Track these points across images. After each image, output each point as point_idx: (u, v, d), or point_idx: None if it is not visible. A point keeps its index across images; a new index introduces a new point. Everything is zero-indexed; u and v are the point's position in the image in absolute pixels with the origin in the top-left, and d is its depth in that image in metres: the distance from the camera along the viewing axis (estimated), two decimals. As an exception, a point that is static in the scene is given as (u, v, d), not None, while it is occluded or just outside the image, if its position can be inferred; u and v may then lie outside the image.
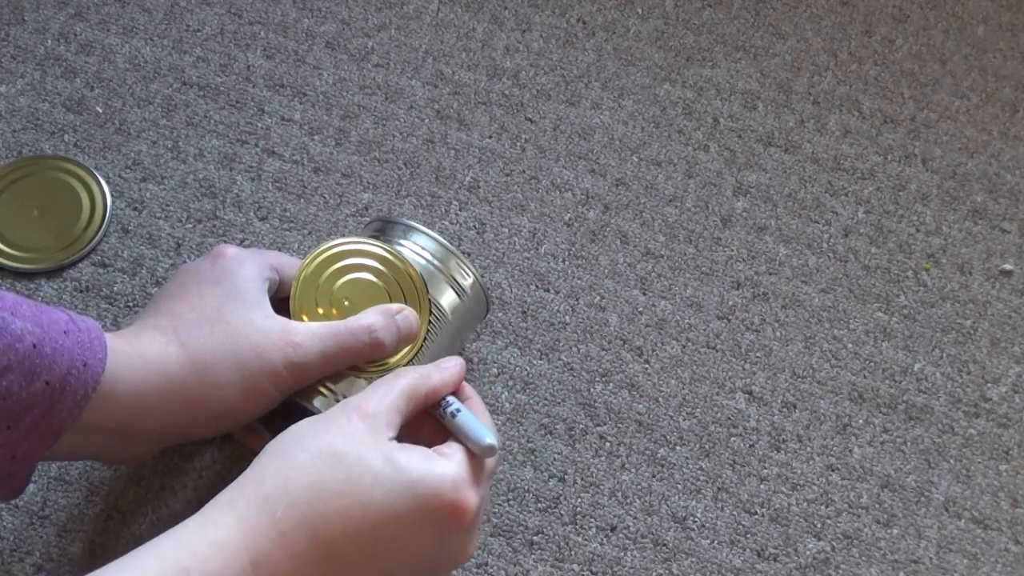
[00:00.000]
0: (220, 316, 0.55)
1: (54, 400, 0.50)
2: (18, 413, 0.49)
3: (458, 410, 0.54)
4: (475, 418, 0.53)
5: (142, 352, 0.54)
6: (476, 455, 0.52)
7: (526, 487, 0.64)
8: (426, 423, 0.55)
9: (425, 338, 0.59)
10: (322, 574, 0.47)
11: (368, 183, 0.73)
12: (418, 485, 0.48)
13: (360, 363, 0.57)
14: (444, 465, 0.50)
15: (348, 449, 0.48)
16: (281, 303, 0.60)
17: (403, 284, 0.60)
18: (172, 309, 0.57)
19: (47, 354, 0.49)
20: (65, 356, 0.50)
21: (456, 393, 0.56)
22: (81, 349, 0.51)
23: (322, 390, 0.56)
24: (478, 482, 0.51)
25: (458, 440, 0.53)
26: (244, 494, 0.47)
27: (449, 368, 0.55)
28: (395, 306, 0.58)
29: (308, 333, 0.56)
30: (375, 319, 0.56)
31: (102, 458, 0.57)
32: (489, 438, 0.52)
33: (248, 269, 0.58)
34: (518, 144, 0.76)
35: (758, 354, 0.69)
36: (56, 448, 0.52)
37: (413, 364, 0.58)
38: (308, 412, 0.54)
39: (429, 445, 0.53)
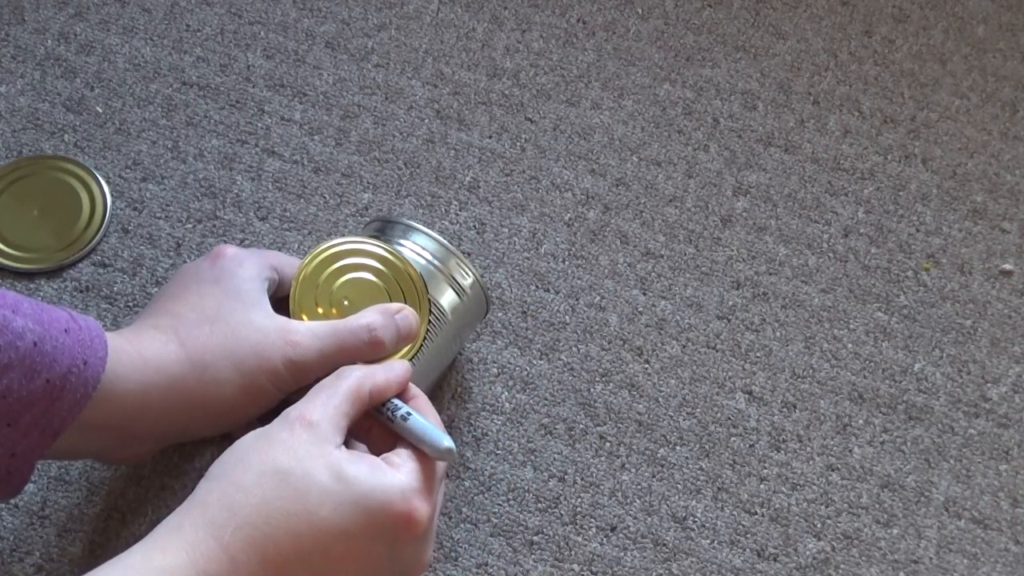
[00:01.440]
0: (219, 315, 0.56)
1: (54, 398, 0.50)
2: (18, 411, 0.49)
3: (408, 413, 0.52)
4: (427, 421, 0.52)
5: (142, 351, 0.54)
6: (426, 460, 0.50)
7: (526, 487, 0.64)
8: (374, 425, 0.54)
9: (425, 338, 0.59)
10: None
11: (368, 183, 0.73)
12: (367, 499, 0.47)
13: (360, 363, 0.57)
14: (393, 476, 0.48)
15: (293, 465, 0.47)
16: (281, 302, 0.60)
17: (403, 284, 0.60)
18: (172, 309, 0.57)
19: (48, 352, 0.50)
20: (66, 354, 0.50)
21: (402, 395, 0.54)
22: (82, 347, 0.51)
23: None
24: (429, 490, 0.49)
25: (408, 445, 0.51)
26: (190, 518, 0.46)
27: (395, 368, 0.54)
28: (395, 305, 0.58)
29: (307, 332, 0.55)
30: (374, 318, 0.56)
31: (101, 457, 0.57)
32: (446, 441, 0.50)
33: (247, 269, 0.58)
34: (518, 144, 0.76)
35: (758, 354, 0.69)
36: (56, 447, 0.52)
37: (413, 364, 0.58)
38: None
39: (378, 446, 0.52)
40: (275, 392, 0.55)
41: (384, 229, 0.63)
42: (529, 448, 0.65)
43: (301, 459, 0.47)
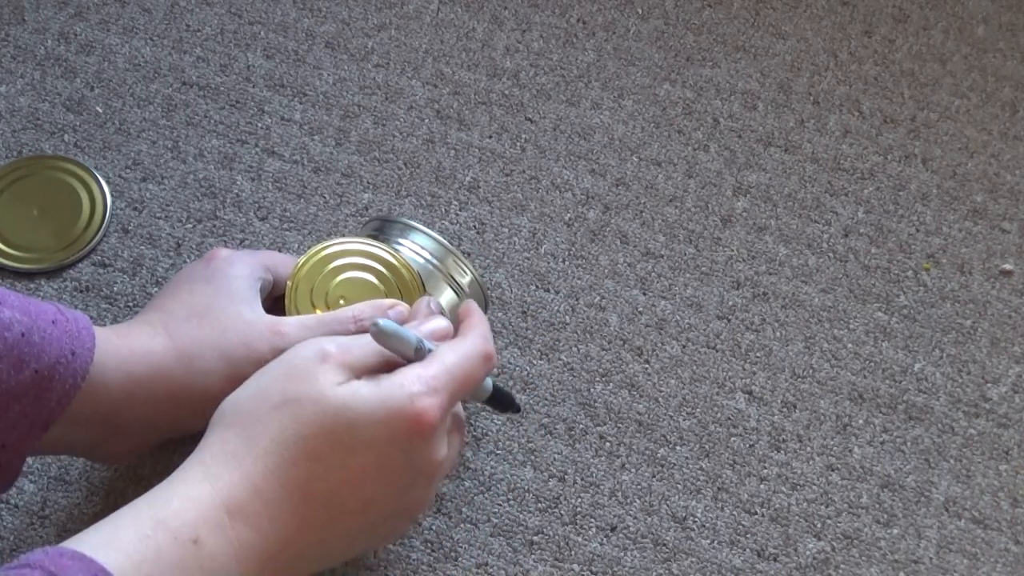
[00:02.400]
0: (209, 310, 0.56)
1: (43, 389, 0.50)
2: (7, 402, 0.49)
3: (375, 323, 0.51)
4: (405, 329, 0.52)
5: (129, 342, 0.54)
6: (432, 363, 0.51)
7: (526, 487, 0.64)
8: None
9: (425, 338, 0.59)
10: (303, 514, 0.47)
11: (368, 183, 0.73)
12: (378, 410, 0.48)
13: None
14: (398, 385, 0.49)
15: (307, 392, 0.48)
16: (277, 302, 0.60)
17: (401, 283, 0.60)
18: (162, 306, 0.57)
19: (35, 343, 0.50)
20: (54, 345, 0.50)
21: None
22: (69, 338, 0.51)
23: None
24: (437, 389, 0.50)
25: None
26: (211, 452, 0.47)
27: (382, 305, 0.56)
28: (388, 301, 0.58)
29: (295, 323, 0.56)
30: (363, 309, 0.57)
31: (91, 454, 0.57)
32: (414, 339, 0.50)
33: (240, 268, 0.59)
34: (518, 144, 0.76)
35: (758, 354, 0.69)
36: (45, 439, 0.52)
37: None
38: None
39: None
40: None
41: (383, 228, 0.63)
42: (529, 448, 0.65)
43: (313, 386, 0.48)
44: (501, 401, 0.60)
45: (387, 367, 0.51)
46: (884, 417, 0.68)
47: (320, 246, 0.60)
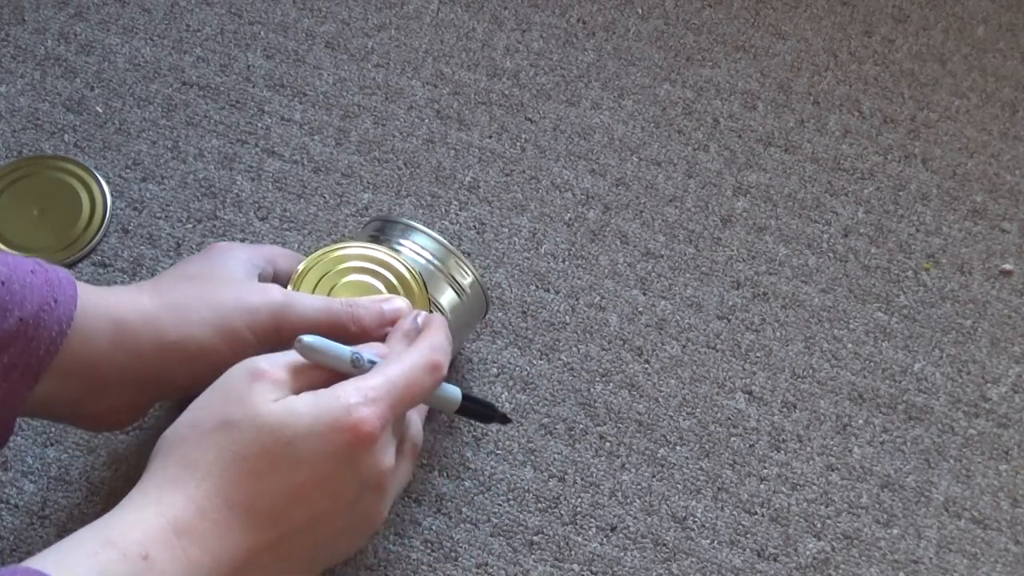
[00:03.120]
0: (200, 275, 0.57)
1: (29, 337, 0.50)
2: None
3: (304, 341, 0.51)
4: (327, 342, 0.51)
5: (116, 294, 0.54)
6: (373, 376, 0.50)
7: (526, 487, 0.64)
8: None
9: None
10: (251, 533, 0.47)
11: (368, 183, 0.73)
12: (316, 424, 0.48)
13: (340, 342, 0.56)
14: (334, 397, 0.49)
15: (242, 415, 0.48)
16: None
17: (402, 284, 0.60)
18: (154, 278, 0.58)
19: (16, 291, 0.50)
20: (35, 293, 0.51)
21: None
22: (50, 287, 0.51)
23: None
24: (375, 399, 0.49)
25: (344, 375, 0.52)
26: (153, 481, 0.47)
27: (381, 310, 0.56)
28: (382, 296, 0.58)
29: (295, 292, 0.57)
30: (362, 303, 0.57)
31: (75, 414, 0.56)
32: (348, 353, 0.50)
33: (238, 253, 0.59)
34: (518, 144, 0.76)
35: (758, 354, 0.69)
36: (34, 395, 0.52)
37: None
38: None
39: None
40: (252, 338, 0.55)
41: (383, 229, 0.63)
42: (529, 448, 0.65)
43: (246, 407, 0.48)
44: (477, 412, 0.59)
45: (327, 381, 0.50)
46: (884, 417, 0.68)
47: (322, 250, 0.60)
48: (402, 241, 0.62)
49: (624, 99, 0.78)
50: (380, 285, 0.59)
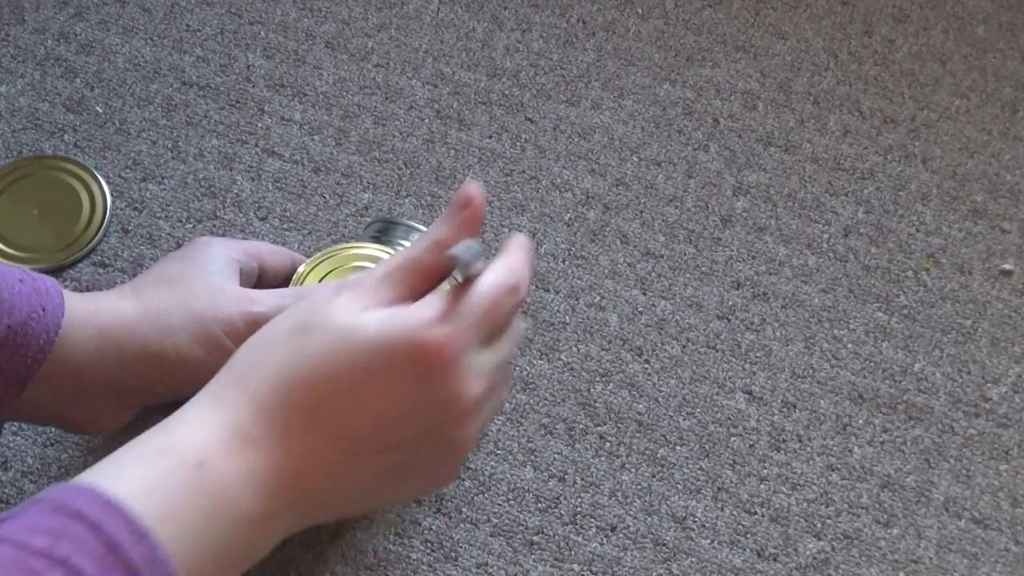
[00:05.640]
0: (180, 278, 0.57)
1: (17, 345, 0.50)
2: None
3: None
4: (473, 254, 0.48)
5: (98, 302, 0.54)
6: (452, 295, 0.47)
7: (526, 487, 0.64)
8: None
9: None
10: (315, 441, 0.45)
11: (368, 183, 0.74)
12: (388, 334, 0.45)
13: None
14: (411, 312, 0.46)
15: (313, 319, 0.46)
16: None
17: None
18: (136, 280, 0.58)
19: (5, 299, 0.50)
20: (24, 301, 0.51)
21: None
22: (38, 295, 0.52)
23: None
24: (453, 317, 0.46)
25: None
26: (216, 381, 0.46)
27: (459, 217, 0.50)
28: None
29: (267, 292, 0.56)
30: (342, 281, 0.56)
31: (61, 418, 0.56)
32: (451, 251, 0.46)
33: (217, 249, 0.59)
34: (518, 144, 0.76)
35: (758, 354, 0.69)
36: (22, 400, 0.52)
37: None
38: None
39: None
40: (231, 347, 0.54)
41: (386, 230, 0.63)
42: (529, 448, 0.65)
43: (322, 312, 0.47)
44: None
45: (415, 282, 0.48)
46: (884, 417, 0.68)
47: (325, 250, 0.60)
48: (404, 242, 0.62)
49: (624, 99, 0.78)
50: None
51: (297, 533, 0.48)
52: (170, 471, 0.42)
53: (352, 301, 0.47)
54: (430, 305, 0.47)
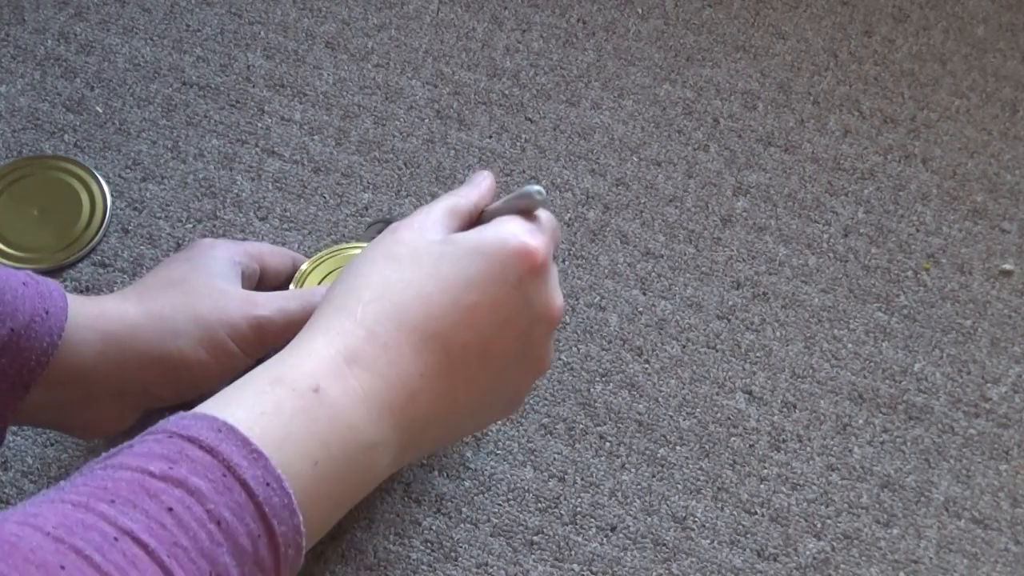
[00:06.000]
0: (184, 280, 0.57)
1: (21, 348, 0.50)
2: None
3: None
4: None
5: (102, 305, 0.54)
6: (528, 219, 0.51)
7: (526, 487, 0.64)
8: None
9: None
10: (424, 357, 0.46)
11: (368, 183, 0.73)
12: (482, 245, 0.48)
13: None
14: (500, 226, 0.49)
15: (403, 249, 0.49)
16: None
17: None
18: (139, 282, 0.58)
19: (8, 301, 0.50)
20: (27, 304, 0.51)
21: None
22: (42, 298, 0.52)
23: None
24: (536, 231, 0.50)
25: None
26: (320, 312, 0.47)
27: (482, 183, 0.55)
28: None
29: (271, 295, 0.57)
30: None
31: (64, 422, 0.57)
32: (528, 186, 0.51)
33: (220, 251, 0.59)
34: (518, 144, 0.76)
35: (758, 354, 0.69)
36: (22, 403, 0.52)
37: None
38: None
39: None
40: (236, 350, 0.55)
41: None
42: (529, 448, 0.65)
43: (411, 242, 0.49)
44: None
45: (459, 226, 0.52)
46: (884, 417, 0.68)
47: (327, 250, 0.60)
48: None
49: (624, 99, 0.78)
50: None
51: None
52: (285, 398, 0.43)
53: (423, 230, 0.49)
54: (514, 221, 0.50)
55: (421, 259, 0.48)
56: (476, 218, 0.53)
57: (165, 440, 0.40)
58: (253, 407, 0.42)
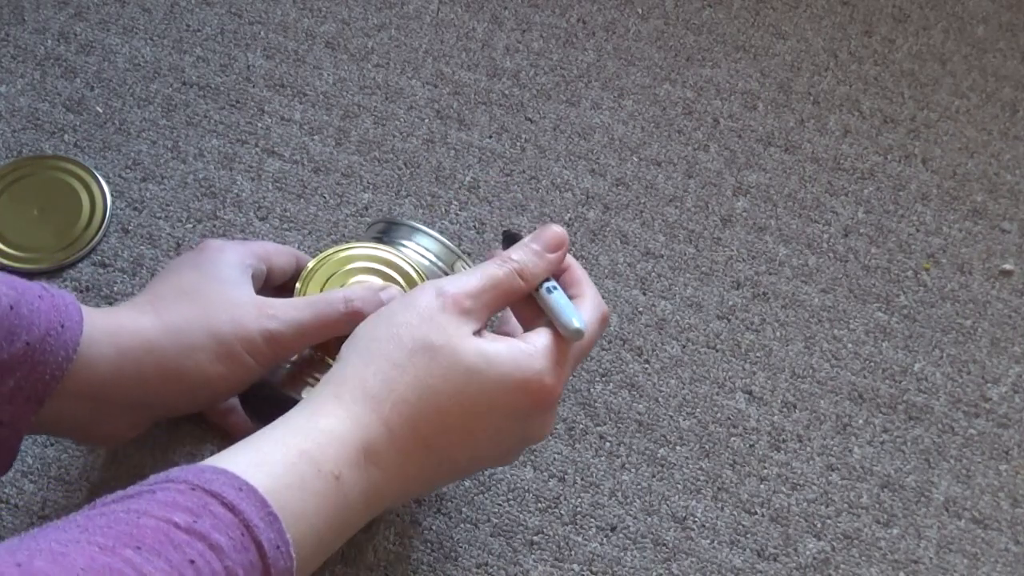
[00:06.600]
0: (197, 291, 0.56)
1: (36, 362, 0.50)
2: (1, 375, 0.49)
3: (553, 288, 0.54)
4: (566, 299, 0.53)
5: (118, 319, 0.54)
6: (561, 338, 0.52)
7: (526, 487, 0.64)
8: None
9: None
10: (422, 464, 0.50)
11: (368, 183, 0.74)
12: (507, 380, 0.50)
13: (337, 335, 0.56)
14: (530, 358, 0.51)
15: (443, 343, 0.50)
16: (278, 293, 0.60)
17: (408, 283, 0.60)
18: (151, 290, 0.58)
19: (24, 315, 0.50)
20: (42, 318, 0.51)
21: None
22: (57, 312, 0.51)
23: (309, 380, 0.57)
24: (562, 366, 0.52)
25: (547, 322, 0.53)
26: (348, 390, 0.49)
27: (549, 257, 0.55)
28: (379, 283, 0.58)
29: (284, 305, 0.56)
30: (354, 291, 0.57)
31: (80, 433, 0.57)
32: (576, 323, 0.52)
33: (229, 255, 0.59)
34: (518, 144, 0.76)
35: (758, 354, 0.69)
36: (37, 417, 0.52)
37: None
38: (295, 402, 0.54)
39: (522, 314, 0.55)
40: (251, 363, 0.55)
41: (388, 231, 0.63)
42: (529, 448, 0.65)
43: (449, 337, 0.50)
44: None
45: (500, 305, 0.53)
46: (884, 417, 0.68)
47: (330, 250, 0.60)
48: (407, 243, 0.62)
49: (624, 99, 0.78)
50: (384, 284, 0.59)
51: None
52: (310, 478, 0.46)
53: (464, 323, 0.51)
54: (547, 349, 0.51)
55: (455, 370, 0.50)
56: (527, 291, 0.54)
57: (188, 492, 0.42)
58: (280, 477, 0.45)
